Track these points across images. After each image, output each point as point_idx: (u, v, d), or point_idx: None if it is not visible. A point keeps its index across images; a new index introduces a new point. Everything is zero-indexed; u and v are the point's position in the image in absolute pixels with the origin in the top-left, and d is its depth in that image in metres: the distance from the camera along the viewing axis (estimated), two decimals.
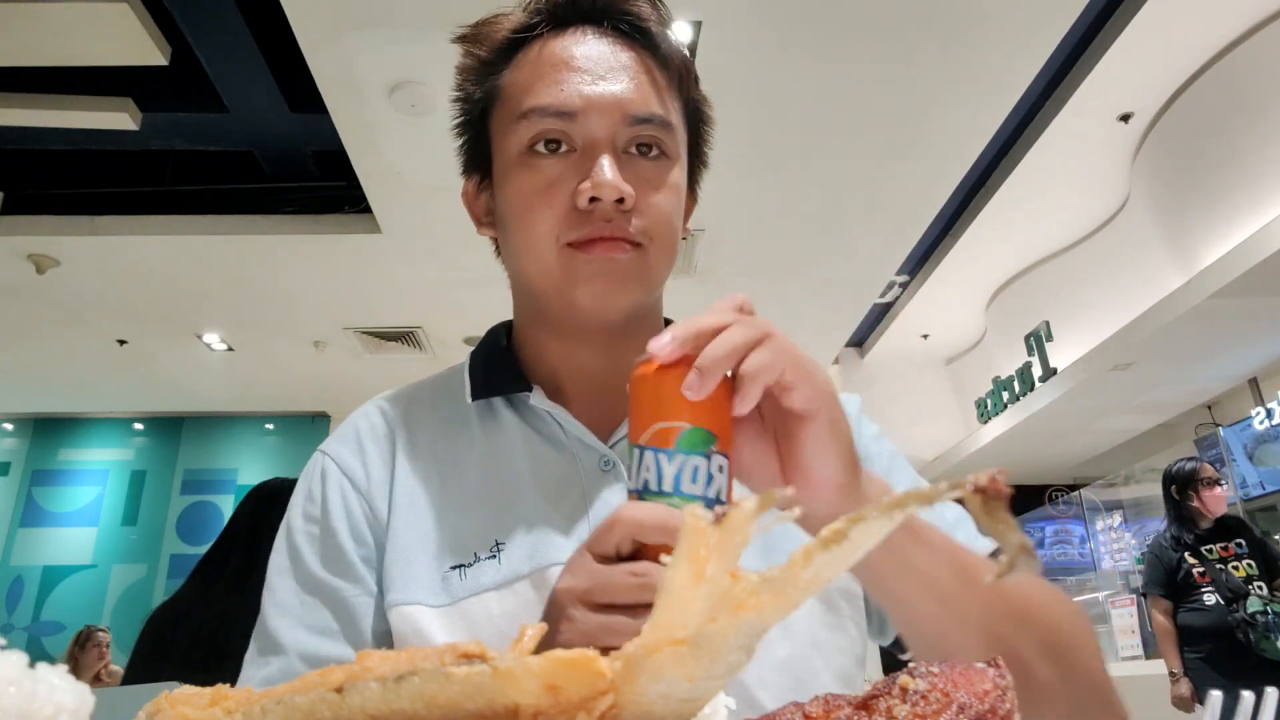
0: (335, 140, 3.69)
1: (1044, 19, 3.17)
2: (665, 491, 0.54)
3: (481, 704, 0.27)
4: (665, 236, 0.75)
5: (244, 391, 6.75)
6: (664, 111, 0.75)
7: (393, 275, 4.85)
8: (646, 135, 0.73)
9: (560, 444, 0.79)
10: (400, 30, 3.05)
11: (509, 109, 0.75)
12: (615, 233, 0.71)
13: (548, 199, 0.72)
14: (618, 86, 0.73)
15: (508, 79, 0.76)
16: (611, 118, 0.72)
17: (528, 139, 0.73)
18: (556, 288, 0.73)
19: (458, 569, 0.73)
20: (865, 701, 0.29)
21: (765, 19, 3.05)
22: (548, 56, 0.74)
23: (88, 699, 0.31)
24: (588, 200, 0.70)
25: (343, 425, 0.85)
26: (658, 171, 0.74)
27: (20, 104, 3.63)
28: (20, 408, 7.14)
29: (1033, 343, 6.68)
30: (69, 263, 4.66)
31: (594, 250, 0.71)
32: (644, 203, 0.72)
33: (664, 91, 0.76)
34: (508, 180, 0.75)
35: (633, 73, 0.74)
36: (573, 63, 0.73)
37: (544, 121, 0.72)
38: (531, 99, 0.73)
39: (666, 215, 0.75)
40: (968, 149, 3.97)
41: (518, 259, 0.77)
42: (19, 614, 6.65)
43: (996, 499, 0.29)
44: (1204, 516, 3.84)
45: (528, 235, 0.73)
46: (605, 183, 0.69)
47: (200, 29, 3.43)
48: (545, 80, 0.73)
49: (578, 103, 0.72)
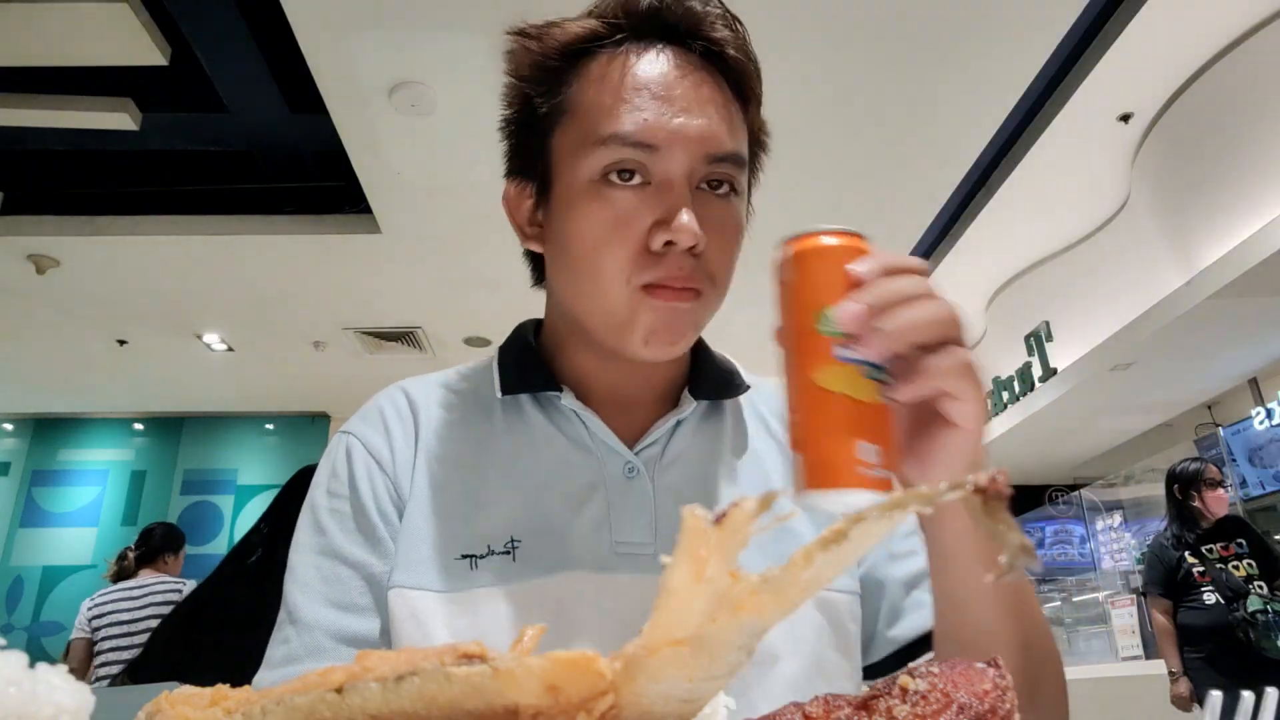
0: (335, 140, 3.69)
1: (1044, 19, 3.17)
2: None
3: (481, 704, 0.27)
4: (726, 280, 0.73)
5: (244, 391, 6.75)
6: (739, 148, 0.72)
7: (393, 275, 4.85)
8: (722, 173, 0.70)
9: (586, 447, 0.77)
10: (400, 30, 3.05)
11: (581, 128, 0.70)
12: (686, 282, 0.69)
13: (621, 236, 0.68)
14: (701, 120, 0.69)
15: (579, 92, 0.71)
16: (693, 154, 0.68)
17: (601, 167, 0.68)
18: (618, 328, 0.71)
19: (467, 559, 0.72)
20: (865, 702, 0.29)
21: (765, 19, 3.04)
22: (630, 77, 0.69)
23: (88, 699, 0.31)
24: (662, 244, 0.67)
25: (365, 407, 0.83)
26: (727, 211, 0.72)
27: (20, 104, 3.63)
28: (20, 408, 7.13)
29: (1033, 343, 6.68)
30: (69, 263, 4.66)
31: (662, 296, 0.69)
32: (712, 247, 0.70)
33: (739, 123, 0.73)
34: (575, 207, 0.70)
35: (716, 104, 0.70)
36: (655, 88, 0.69)
37: (623, 151, 0.68)
38: (612, 124, 0.68)
39: (730, 258, 0.73)
40: (968, 149, 3.96)
41: (577, 291, 0.73)
42: (19, 614, 6.65)
43: (997, 499, 0.29)
44: (1205, 517, 3.84)
45: (594, 271, 0.69)
46: (684, 228, 0.66)
47: (200, 29, 3.43)
48: (627, 104, 0.68)
49: (661, 136, 0.67)
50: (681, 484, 0.77)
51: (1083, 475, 8.25)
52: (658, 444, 0.78)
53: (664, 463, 0.78)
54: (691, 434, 0.80)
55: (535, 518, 0.74)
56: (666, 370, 0.81)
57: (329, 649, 0.70)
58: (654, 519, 0.74)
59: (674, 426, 0.79)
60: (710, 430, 0.82)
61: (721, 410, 0.84)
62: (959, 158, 4.03)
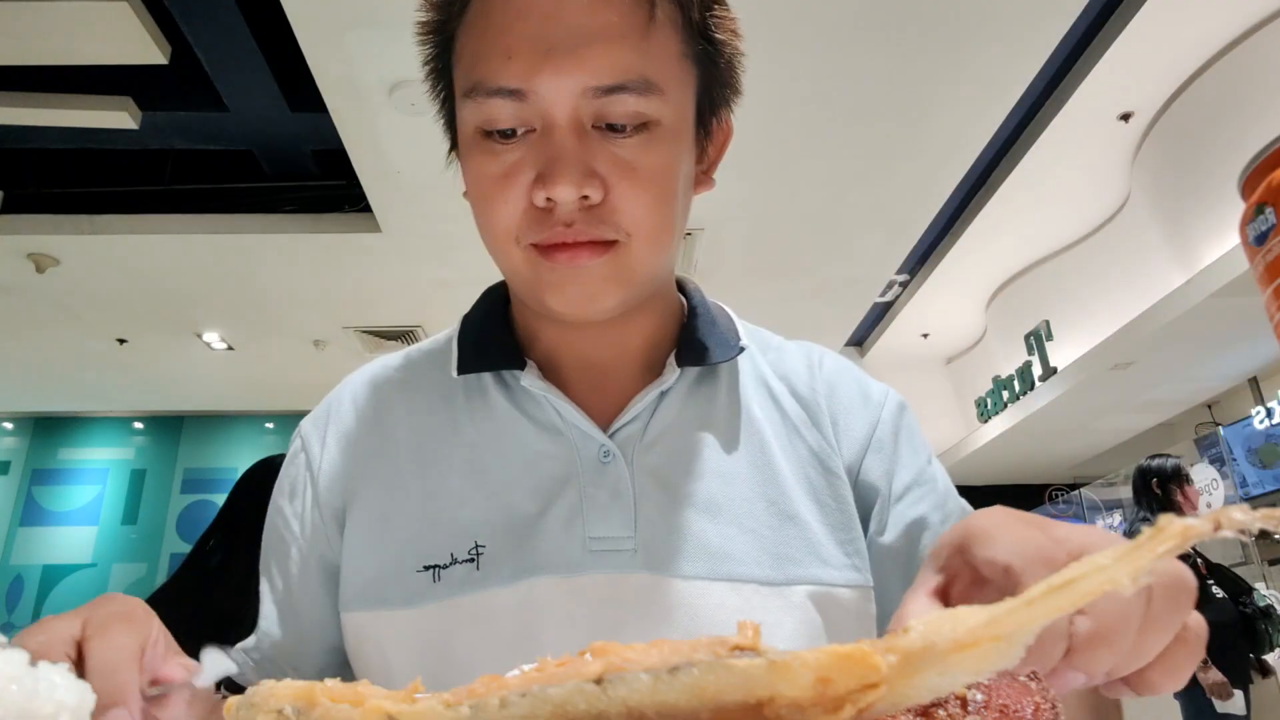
0: (335, 140, 3.69)
1: (1044, 19, 3.17)
2: None
3: (743, 696, 0.27)
4: (651, 227, 0.61)
5: (244, 391, 6.75)
6: (644, 70, 0.59)
7: (393, 275, 4.85)
8: (620, 109, 0.58)
9: (556, 431, 0.68)
10: (400, 30, 3.03)
11: (461, 74, 0.62)
12: (580, 237, 0.59)
13: (503, 193, 0.60)
14: (581, 47, 0.57)
15: (463, 28, 0.62)
16: (570, 92, 0.58)
17: (477, 122, 0.61)
18: (526, 288, 0.64)
19: (430, 570, 0.64)
20: (926, 709, 0.29)
21: (765, 18, 3.04)
22: (497, 7, 0.60)
23: (88, 697, 0.31)
24: (544, 200, 0.58)
25: (323, 401, 0.78)
26: (639, 150, 0.60)
27: (20, 103, 3.62)
28: (20, 407, 7.13)
29: (1033, 342, 6.68)
30: (69, 262, 4.66)
31: (557, 257, 0.60)
32: (620, 193, 0.59)
33: (646, 38, 0.59)
34: (466, 160, 0.64)
35: (599, 22, 0.58)
36: (523, 17, 0.58)
37: (490, 104, 0.59)
38: (477, 70, 0.60)
39: (651, 203, 0.61)
40: (968, 149, 3.96)
41: (490, 251, 0.66)
42: (19, 613, 6.64)
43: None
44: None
45: (488, 231, 0.63)
46: (560, 181, 0.57)
47: (200, 28, 3.43)
48: (491, 43, 0.59)
49: (529, 76, 0.57)
50: (665, 465, 0.68)
51: (1083, 475, 8.25)
52: (638, 421, 0.69)
53: (645, 442, 0.68)
54: (679, 406, 0.70)
55: (501, 517, 0.65)
56: (645, 334, 0.72)
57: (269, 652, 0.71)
58: (633, 509, 0.65)
59: (657, 399, 0.70)
60: (701, 400, 0.72)
61: (715, 375, 0.73)
62: (959, 158, 4.03)
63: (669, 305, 0.75)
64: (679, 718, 0.26)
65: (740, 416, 0.72)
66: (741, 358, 0.75)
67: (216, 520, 2.03)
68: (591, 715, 0.27)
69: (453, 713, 0.28)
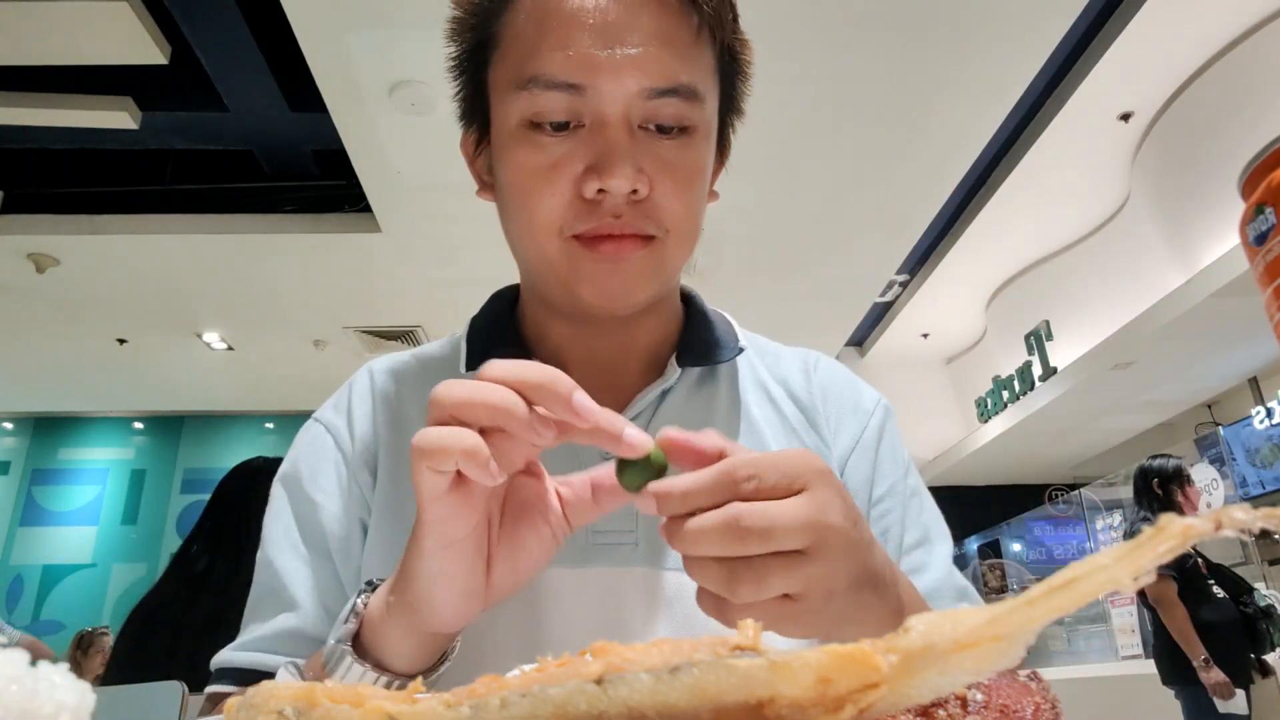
0: (335, 140, 3.69)
1: (1044, 19, 3.17)
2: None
3: (744, 696, 0.27)
4: (685, 226, 0.66)
5: (244, 391, 6.76)
6: (690, 78, 0.63)
7: (393, 275, 4.85)
8: (668, 111, 0.62)
9: None
10: (400, 30, 3.05)
11: (509, 68, 0.64)
12: (626, 229, 0.62)
13: (550, 184, 0.62)
14: (637, 51, 0.61)
15: (508, 24, 0.65)
16: (628, 91, 0.61)
17: (526, 116, 0.62)
18: (560, 281, 0.66)
19: None
20: (927, 709, 0.29)
21: (765, 19, 3.05)
22: (559, 4, 0.62)
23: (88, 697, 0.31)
24: (595, 191, 0.61)
25: (338, 391, 0.79)
26: (680, 152, 0.64)
27: (20, 103, 3.63)
28: (20, 407, 7.14)
29: (1033, 342, 6.68)
30: (69, 262, 4.66)
31: (602, 249, 0.63)
32: (662, 191, 0.63)
33: (693, 47, 0.63)
34: (507, 152, 0.65)
35: (660, 31, 0.62)
36: (586, 15, 0.61)
37: (547, 96, 0.61)
38: (534, 64, 0.62)
39: (689, 201, 0.65)
40: (968, 149, 3.97)
41: (517, 242, 0.68)
42: (19, 613, 6.65)
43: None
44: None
45: (528, 222, 0.64)
46: (618, 172, 0.60)
47: (200, 28, 3.43)
48: (550, 38, 0.61)
49: (589, 73, 0.60)
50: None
51: (1083, 475, 8.25)
52: (640, 419, 0.71)
53: None
54: (681, 405, 0.73)
55: None
56: (650, 334, 0.74)
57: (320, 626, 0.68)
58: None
59: (659, 398, 0.72)
60: (702, 400, 0.74)
61: (716, 377, 0.76)
62: (959, 158, 4.03)
63: (672, 307, 0.77)
64: (680, 718, 0.27)
65: (740, 417, 0.74)
66: (740, 362, 0.78)
67: (198, 526, 2.03)
68: (592, 715, 0.27)
69: (453, 713, 0.28)
